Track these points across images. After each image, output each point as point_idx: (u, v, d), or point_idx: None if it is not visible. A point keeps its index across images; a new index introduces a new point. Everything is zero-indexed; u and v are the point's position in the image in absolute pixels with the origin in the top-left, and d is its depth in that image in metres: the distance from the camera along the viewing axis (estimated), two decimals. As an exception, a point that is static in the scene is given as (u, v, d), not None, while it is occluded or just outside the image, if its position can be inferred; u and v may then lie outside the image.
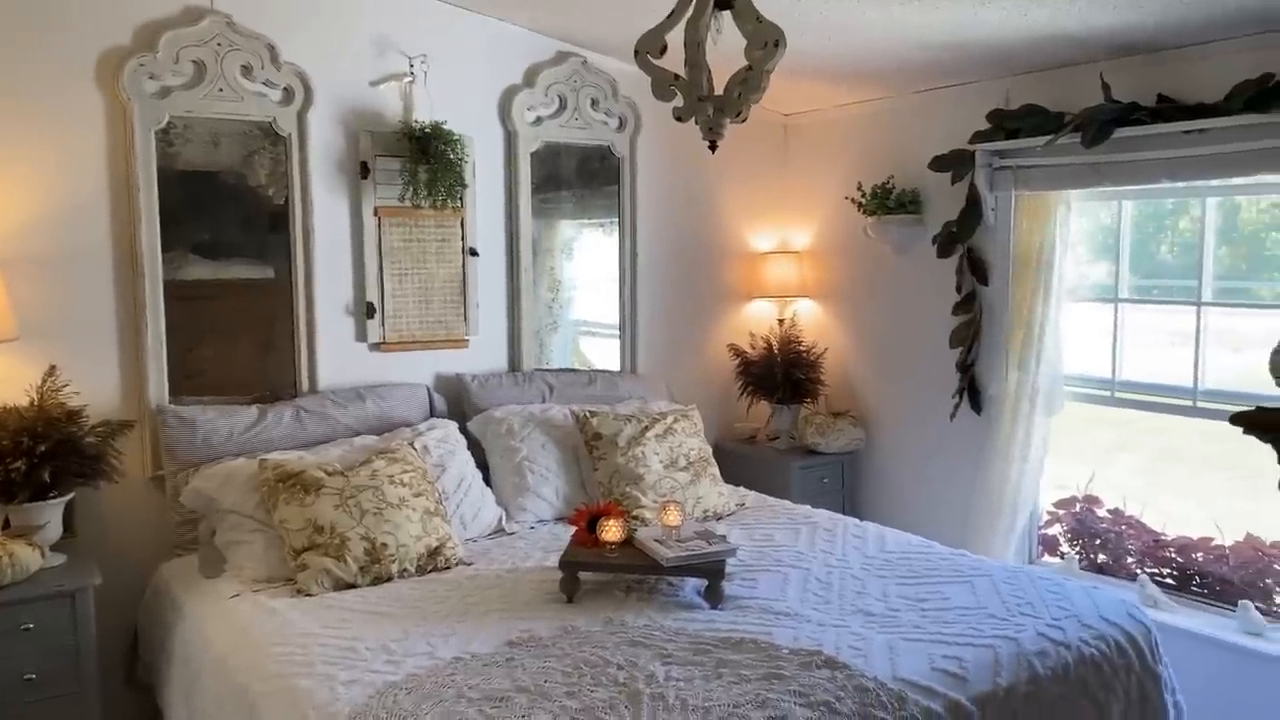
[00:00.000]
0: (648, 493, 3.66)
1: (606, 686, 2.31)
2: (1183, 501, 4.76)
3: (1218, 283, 3.59)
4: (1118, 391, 3.84)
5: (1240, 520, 3.75)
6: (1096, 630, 2.71)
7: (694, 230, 4.74)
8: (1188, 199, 3.70)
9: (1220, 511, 3.77)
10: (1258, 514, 4.06)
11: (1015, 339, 3.93)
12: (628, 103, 4.41)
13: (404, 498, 3.24)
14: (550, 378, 4.21)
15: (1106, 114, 3.45)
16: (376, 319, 3.89)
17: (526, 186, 4.21)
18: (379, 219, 3.87)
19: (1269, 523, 3.65)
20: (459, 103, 3.99)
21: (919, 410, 4.40)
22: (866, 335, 4.68)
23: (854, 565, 3.20)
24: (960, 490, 4.17)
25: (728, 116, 2.44)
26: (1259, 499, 4.65)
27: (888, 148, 4.45)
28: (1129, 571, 3.92)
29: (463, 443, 3.77)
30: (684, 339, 4.76)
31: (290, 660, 2.54)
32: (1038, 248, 3.86)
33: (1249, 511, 4.31)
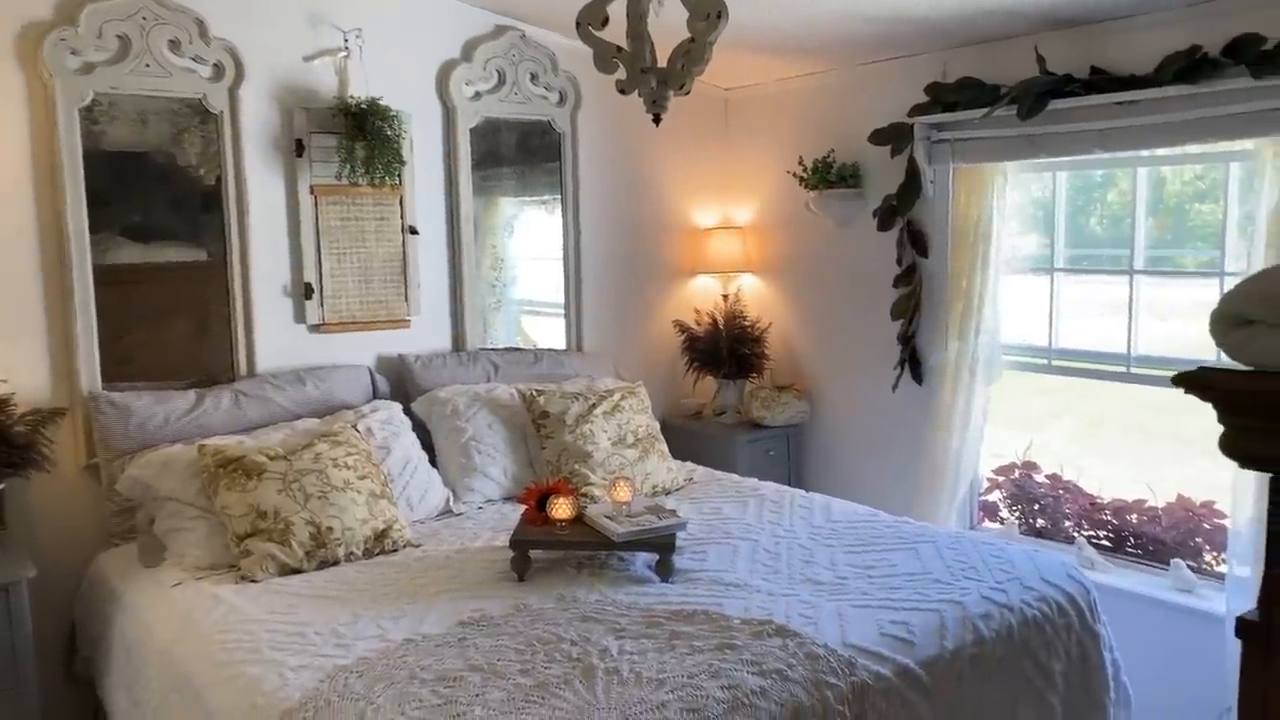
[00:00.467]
0: (596, 470, 3.65)
1: (560, 662, 2.31)
2: (1114, 465, 4.91)
3: (1149, 250, 3.68)
4: (1054, 360, 3.93)
5: (1170, 482, 3.88)
6: (1038, 592, 2.78)
7: (637, 206, 4.73)
8: (1116, 171, 3.78)
9: (1149, 475, 3.90)
10: (1185, 476, 4.21)
11: (955, 310, 3.99)
12: (568, 77, 4.37)
13: (348, 481, 3.20)
14: (495, 357, 4.18)
15: (1041, 86, 3.51)
16: (315, 300, 3.82)
17: (466, 163, 4.15)
18: (315, 197, 3.79)
19: (1198, 484, 3.77)
20: (396, 78, 3.91)
21: (862, 382, 4.46)
22: (810, 309, 4.71)
23: (801, 535, 3.24)
24: (903, 459, 4.23)
25: (671, 89, 2.43)
26: (1186, 462, 4.83)
27: (828, 122, 4.48)
28: (1067, 534, 4.03)
29: (407, 424, 3.73)
30: (629, 316, 4.75)
31: (237, 647, 2.50)
32: (976, 220, 3.92)
33: (1177, 475, 4.46)
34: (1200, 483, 3.78)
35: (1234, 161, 3.37)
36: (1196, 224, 3.81)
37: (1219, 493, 3.64)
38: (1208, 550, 3.70)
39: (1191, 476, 3.87)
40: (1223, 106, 3.11)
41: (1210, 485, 3.72)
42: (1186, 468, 4.43)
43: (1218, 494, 3.67)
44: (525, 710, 2.08)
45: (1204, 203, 3.82)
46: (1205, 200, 3.81)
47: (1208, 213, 3.74)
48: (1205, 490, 3.73)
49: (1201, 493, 3.73)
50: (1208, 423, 1.38)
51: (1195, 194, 3.86)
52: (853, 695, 2.25)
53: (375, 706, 2.12)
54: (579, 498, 3.23)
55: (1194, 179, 3.83)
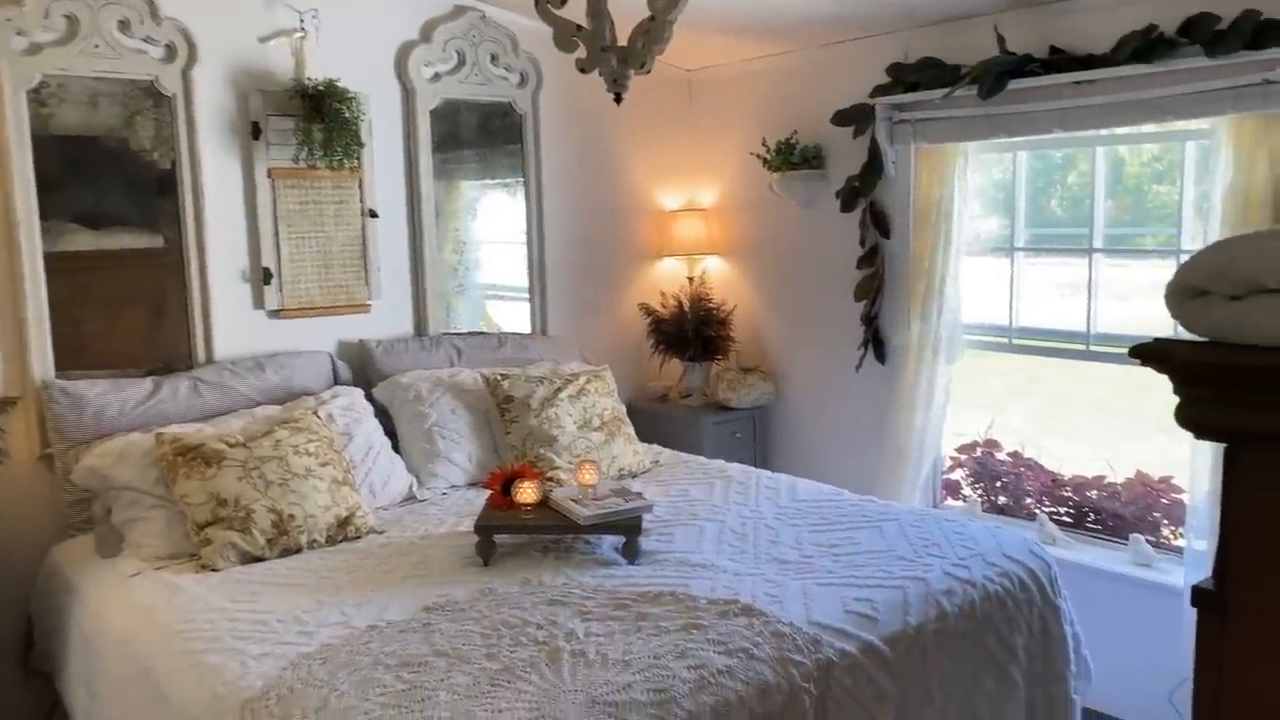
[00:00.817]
0: (562, 454, 3.64)
1: (526, 646, 2.30)
2: (1075, 445, 4.97)
3: (1107, 230, 3.72)
4: (1015, 339, 3.96)
5: (1129, 459, 3.93)
6: (1000, 568, 2.80)
7: (601, 189, 4.70)
8: (1076, 152, 3.81)
9: (1107, 452, 3.96)
10: (1143, 453, 4.28)
11: (917, 290, 4.01)
12: (529, 58, 4.33)
13: (310, 468, 3.16)
14: (458, 341, 4.15)
15: (1001, 66, 3.52)
16: (274, 285, 3.76)
17: (427, 145, 4.11)
18: (273, 181, 3.73)
19: (1156, 460, 3.83)
20: (353, 60, 3.86)
21: (826, 363, 4.47)
22: (774, 291, 4.72)
23: (767, 515, 3.25)
24: (868, 439, 4.25)
25: (631, 68, 2.41)
26: (1144, 439, 4.91)
27: (791, 103, 4.47)
28: (1028, 511, 4.07)
29: (369, 410, 3.69)
30: (594, 299, 4.73)
31: (198, 637, 2.46)
32: (937, 200, 3.93)
33: (1136, 452, 4.53)
34: (1158, 459, 3.84)
35: (1190, 141, 3.41)
36: (1154, 205, 3.85)
37: (1177, 469, 3.70)
38: (1166, 525, 3.76)
39: (1150, 453, 3.93)
40: (1178, 86, 3.14)
41: (1168, 461, 3.78)
42: (1145, 444, 4.50)
43: (1175, 470, 3.73)
44: (491, 694, 2.07)
45: (1162, 184, 3.86)
46: (1163, 181, 3.85)
47: (1165, 194, 3.79)
48: (1164, 466, 3.79)
49: (1160, 469, 3.79)
50: (1165, 400, 1.39)
51: (1153, 175, 3.90)
52: (818, 672, 2.27)
53: (339, 693, 2.10)
54: (544, 481, 3.22)
55: (1152, 160, 3.87)
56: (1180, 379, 1.29)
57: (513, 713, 1.99)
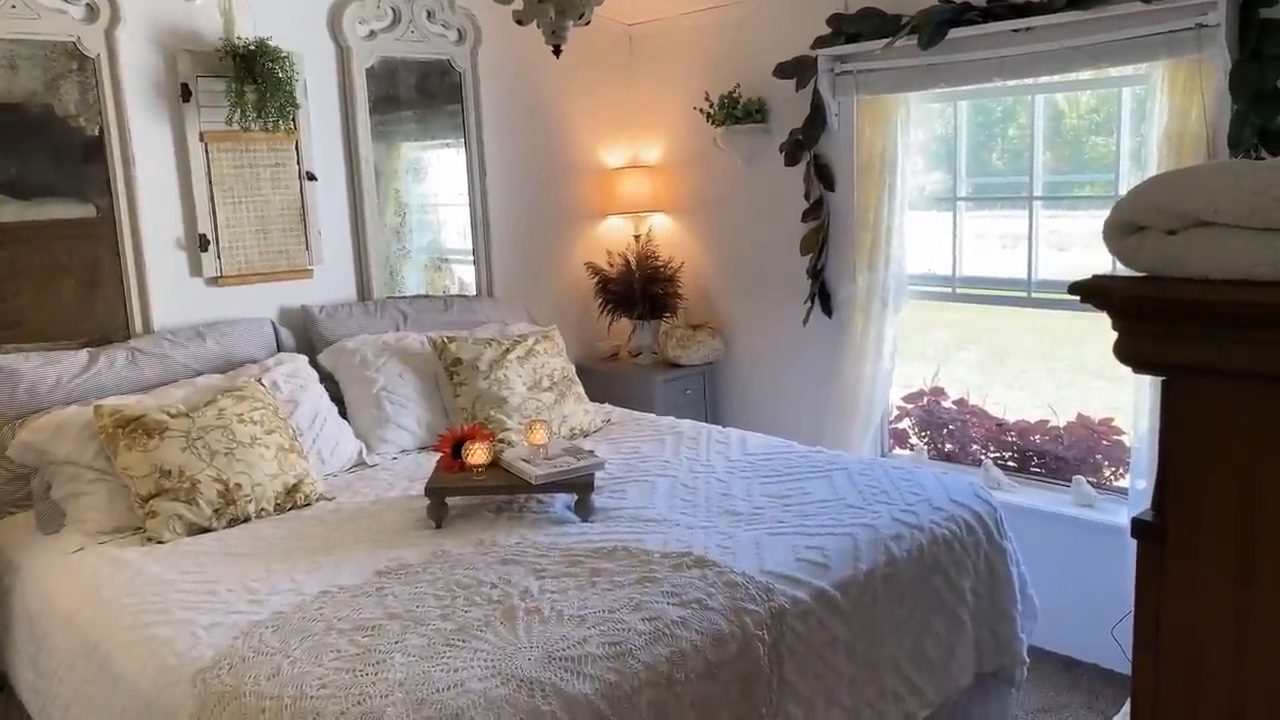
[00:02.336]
0: (513, 415, 3.62)
1: (481, 605, 2.29)
2: (1017, 392, 5.07)
3: (1046, 180, 3.76)
4: (959, 288, 4.00)
5: (1069, 404, 4.02)
6: (947, 512, 2.85)
7: (544, 147, 4.64)
8: (1016, 101, 3.84)
9: (1048, 397, 4.03)
10: (1082, 397, 4.36)
11: (863, 242, 4.03)
12: (465, 14, 4.24)
13: (255, 436, 3.11)
14: (404, 305, 4.09)
15: (940, 15, 3.53)
16: (211, 252, 3.67)
17: (364, 105, 4.02)
18: (206, 145, 3.63)
19: (1096, 403, 3.92)
20: (285, 18, 3.75)
21: (774, 317, 4.49)
22: (721, 247, 4.72)
23: (719, 469, 3.27)
24: (817, 392, 4.29)
25: (570, 19, 2.37)
26: (1083, 385, 5.05)
27: (733, 56, 4.44)
28: (974, 458, 4.15)
29: (314, 376, 3.63)
30: (540, 260, 4.69)
31: (145, 610, 2.42)
32: (880, 152, 3.95)
33: (1074, 397, 4.61)
34: (1099, 403, 3.93)
35: (1126, 88, 3.45)
36: (1093, 157, 3.90)
37: (1117, 412, 3.79)
38: (1107, 466, 3.85)
39: (1090, 397, 4.01)
40: (1114, 32, 3.17)
41: (1108, 405, 3.87)
42: (1085, 390, 4.60)
43: (1116, 413, 3.82)
44: (446, 654, 2.07)
45: (1099, 135, 3.91)
46: (1101, 133, 3.90)
47: (1103, 145, 3.84)
48: (1104, 410, 3.88)
49: (1101, 413, 3.88)
50: (1104, 346, 1.42)
51: (1091, 126, 3.94)
52: (771, 620, 2.29)
53: (291, 659, 2.08)
54: (495, 443, 3.20)
55: (1089, 111, 3.91)
56: (1118, 314, 1.30)
57: (469, 670, 1.99)
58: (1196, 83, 3.08)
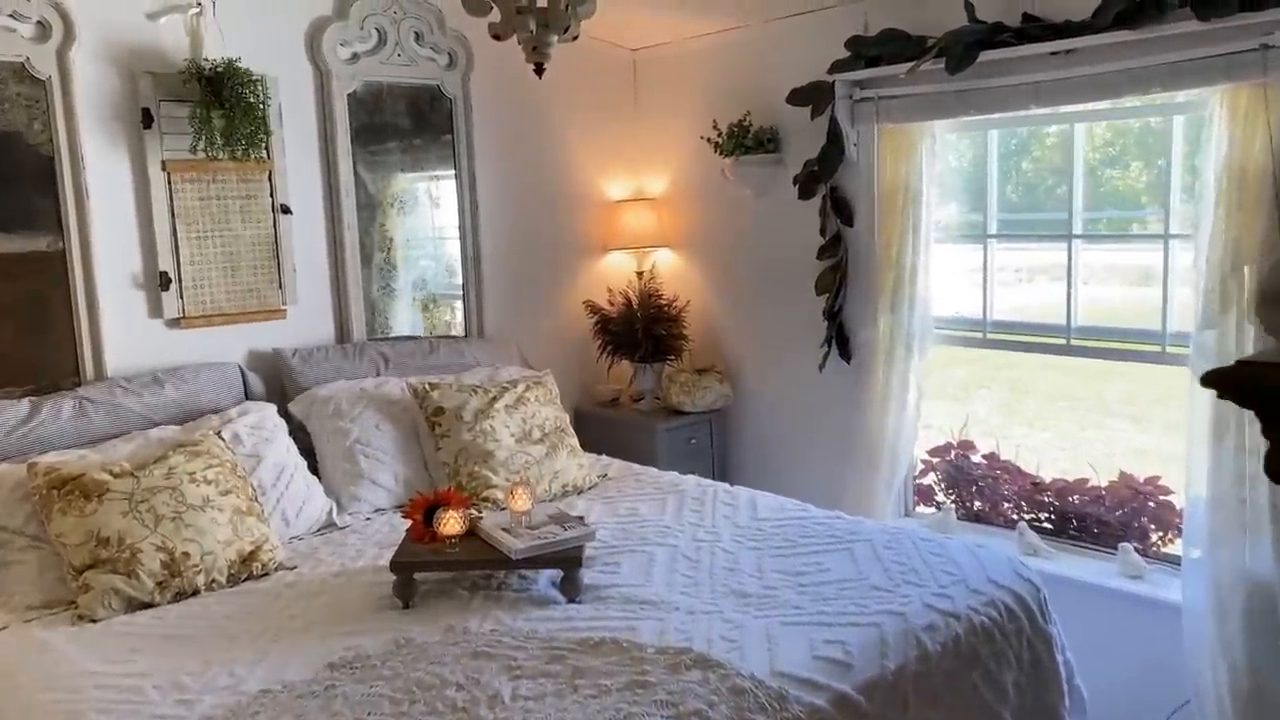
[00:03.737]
0: (499, 471, 3.30)
1: (442, 714, 1.95)
2: (1039, 433, 4.76)
3: (1086, 214, 3.42)
4: (990, 333, 3.66)
5: (1091, 446, 3.69)
6: (985, 595, 2.50)
7: (541, 178, 4.35)
8: (1050, 128, 3.52)
9: (1073, 439, 3.71)
10: (1107, 439, 4.02)
11: (885, 282, 3.70)
12: (456, 36, 3.95)
13: (209, 497, 2.79)
14: (385, 348, 3.77)
15: (970, 36, 3.22)
16: (173, 291, 3.37)
17: (345, 132, 3.73)
18: (169, 175, 3.34)
19: (1119, 445, 3.59)
20: (259, 38, 3.48)
21: (787, 362, 4.16)
22: (730, 285, 4.39)
23: (725, 537, 2.93)
24: (834, 443, 3.95)
25: (554, 33, 2.06)
26: (1104, 427, 4.75)
27: (743, 82, 4.15)
28: (1007, 518, 3.79)
29: (282, 427, 3.31)
30: (536, 298, 4.38)
31: (56, 710, 2.09)
32: (904, 184, 3.63)
33: (1097, 439, 4.25)
34: (1123, 445, 3.60)
35: (1177, 115, 3.12)
36: (1134, 190, 3.59)
37: (1165, 466, 3.45)
38: (1154, 530, 3.49)
39: (1115, 439, 3.70)
40: (1167, 54, 2.85)
41: (1133, 448, 3.54)
42: (1109, 433, 4.27)
43: (1164, 468, 3.48)
44: (395, 782, 1.73)
45: (1115, 168, 3.62)
46: (1116, 166, 3.60)
47: (1118, 178, 3.55)
48: (1136, 458, 3.53)
49: (1134, 462, 3.52)
50: (1128, 386, 1.09)
51: (1106, 160, 3.65)
52: (784, 735, 1.94)
53: (210, 788, 1.74)
54: (474, 506, 2.88)
55: (1104, 145, 3.62)
56: (1273, 415, 0.94)
57: (418, 809, 1.65)
58: (1261, 109, 2.75)
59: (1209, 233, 2.90)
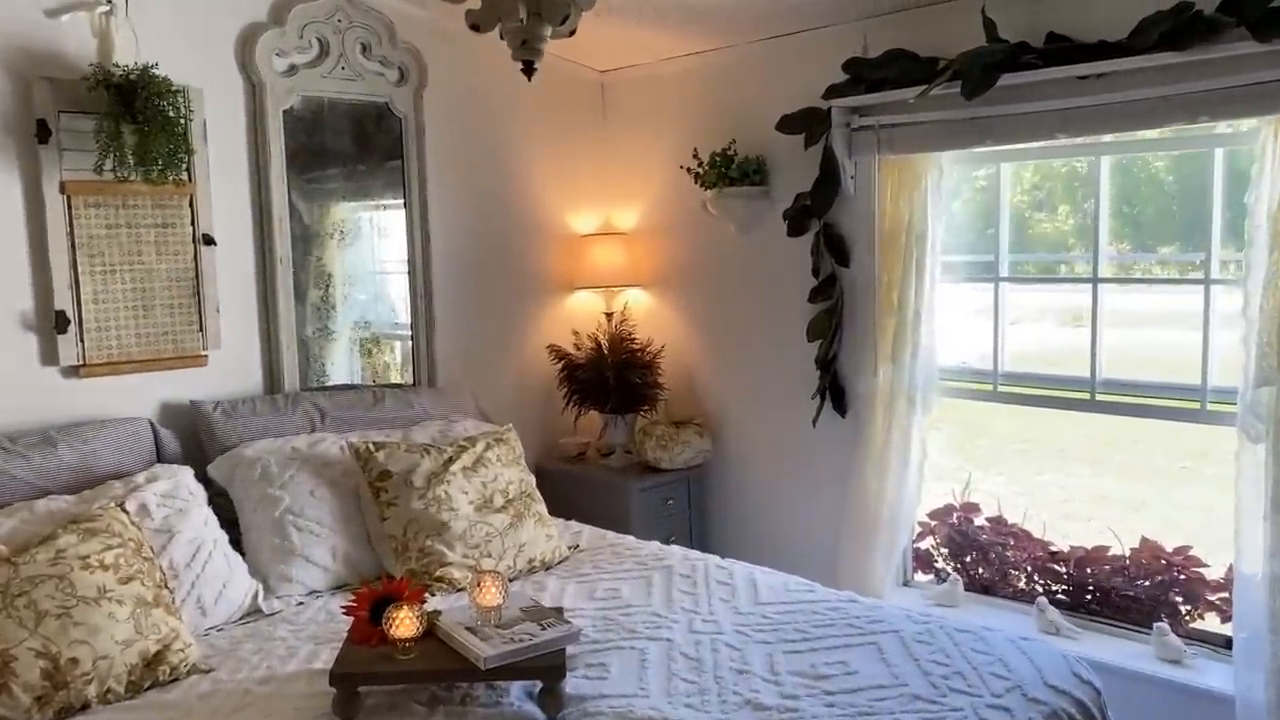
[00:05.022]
0: (455, 545, 2.84)
1: None
2: (994, 476, 4.49)
3: (1113, 254, 3.11)
4: (1001, 385, 3.32)
5: (1047, 491, 3.42)
6: (1046, 705, 2.11)
7: (499, 209, 3.92)
8: (1076, 161, 3.22)
9: (1031, 484, 3.43)
10: (1063, 484, 3.94)
11: (885, 328, 3.35)
12: (408, 50, 3.54)
13: (106, 586, 2.29)
14: (321, 400, 3.30)
15: (989, 57, 2.89)
16: (71, 334, 2.88)
17: (279, 153, 3.27)
18: (68, 198, 2.85)
19: (1080, 492, 3.31)
20: (181, 44, 3.03)
21: (774, 415, 3.77)
22: (710, 329, 4.00)
23: (726, 627, 2.50)
24: (827, 507, 3.57)
25: (549, 24, 1.65)
26: (1061, 470, 4.43)
27: (727, 107, 3.79)
28: (1017, 590, 3.44)
29: (200, 496, 2.82)
30: (494, 341, 3.94)
31: None
32: (906, 221, 3.29)
33: (1052, 483, 4.34)
34: (1087, 492, 3.32)
35: (1220, 147, 2.82)
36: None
37: (1195, 539, 3.15)
38: (1183, 604, 3.15)
39: (1072, 483, 3.43)
40: (1220, 78, 2.55)
41: (1098, 495, 3.26)
42: (1066, 477, 3.96)
43: (1194, 539, 3.16)
44: None
45: (1177, 203, 3.34)
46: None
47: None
48: (1163, 526, 3.22)
49: (1154, 525, 3.21)
50: (1087, 431, 0.76)
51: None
52: None
53: None
54: (431, 590, 2.42)
55: (1031, 189, 3.35)
56: None
57: None
58: (1324, 141, 2.46)
59: (1262, 278, 2.60)
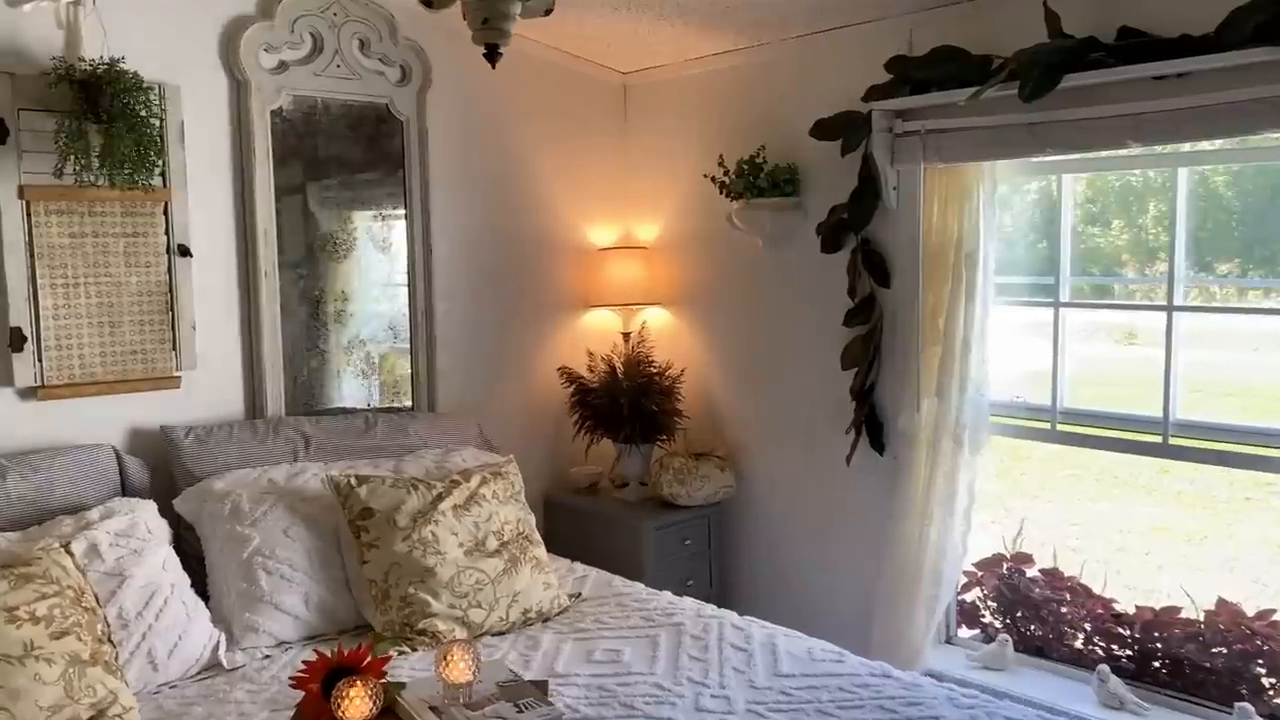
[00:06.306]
0: (441, 594, 2.55)
1: None
2: (1044, 504, 4.16)
3: (1189, 274, 2.74)
4: (1060, 423, 2.96)
5: (1103, 521, 3.09)
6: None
7: (509, 220, 3.64)
8: (1131, 172, 2.86)
9: (1085, 513, 3.11)
10: (1124, 513, 3.50)
11: (929, 357, 3.01)
12: (411, 47, 3.27)
13: (33, 643, 2.02)
14: (308, 426, 3.03)
15: (1051, 55, 2.55)
16: (29, 352, 2.63)
17: (266, 157, 3.02)
18: (27, 203, 2.62)
19: (1144, 530, 2.97)
20: (158, 37, 2.80)
21: (804, 450, 3.44)
22: (735, 353, 3.68)
23: (738, 706, 2.18)
24: (862, 555, 3.23)
25: (516, 0, 1.35)
26: (1124, 499, 4.09)
27: (757, 111, 3.47)
28: (1073, 653, 3.07)
29: (162, 534, 2.55)
30: (501, 363, 3.65)
31: None
32: (955, 238, 2.95)
33: (1108, 513, 3.90)
34: (1148, 526, 3.00)
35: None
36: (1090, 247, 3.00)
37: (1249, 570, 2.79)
38: (1267, 678, 2.77)
39: (1130, 515, 3.10)
40: (1327, 77, 2.19)
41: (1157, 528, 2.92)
42: (1124, 508, 3.64)
43: (1235, 569, 2.80)
44: None
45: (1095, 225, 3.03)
46: (1096, 223, 3.01)
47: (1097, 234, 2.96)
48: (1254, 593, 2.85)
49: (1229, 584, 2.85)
50: None
51: (1086, 216, 3.05)
52: None
53: None
54: (406, 644, 2.12)
55: (1085, 202, 3.04)
56: None
57: None
58: None
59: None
